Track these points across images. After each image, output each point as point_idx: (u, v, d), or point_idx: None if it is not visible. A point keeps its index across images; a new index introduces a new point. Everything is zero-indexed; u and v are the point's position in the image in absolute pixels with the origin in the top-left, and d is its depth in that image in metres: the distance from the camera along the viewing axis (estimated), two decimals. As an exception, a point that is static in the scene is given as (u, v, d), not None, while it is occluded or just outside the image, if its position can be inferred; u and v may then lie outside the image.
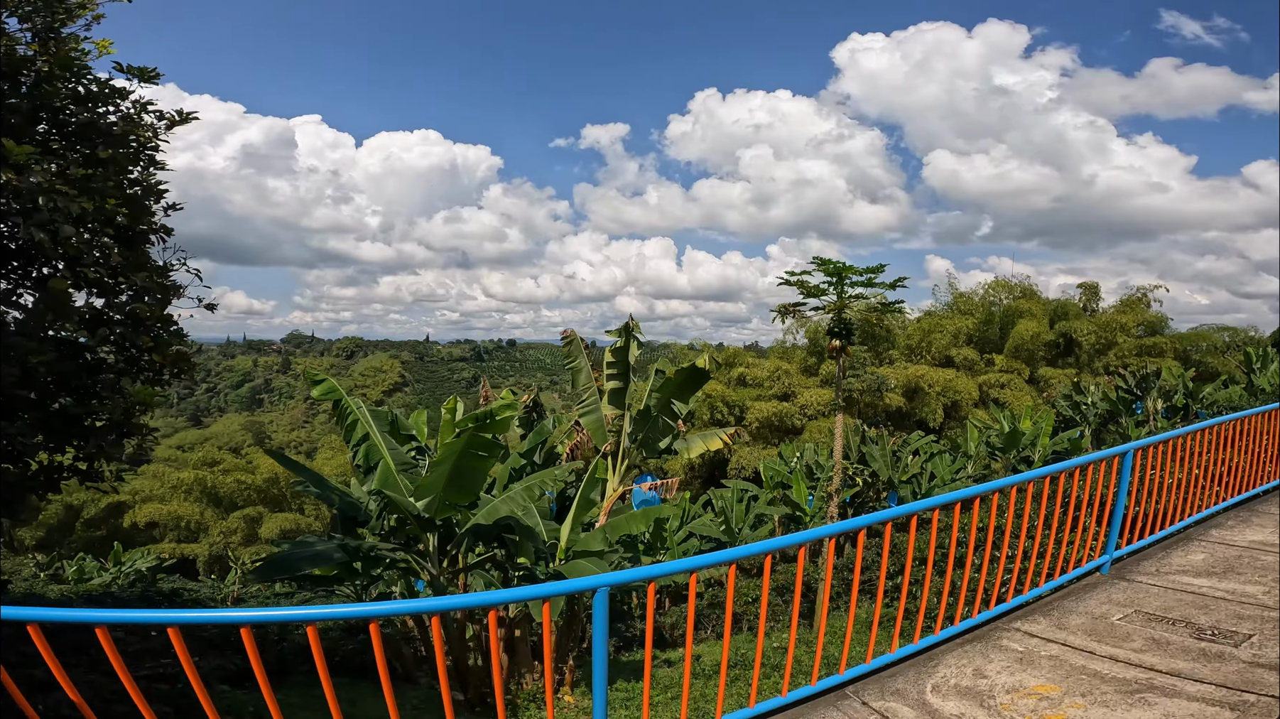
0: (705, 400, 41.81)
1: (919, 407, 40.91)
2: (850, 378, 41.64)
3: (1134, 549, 5.23)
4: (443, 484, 6.88)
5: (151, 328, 7.63)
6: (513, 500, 7.39)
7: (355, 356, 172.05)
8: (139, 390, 7.44)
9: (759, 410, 40.46)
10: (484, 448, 6.66)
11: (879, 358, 45.81)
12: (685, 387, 9.57)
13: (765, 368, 44.96)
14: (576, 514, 8.14)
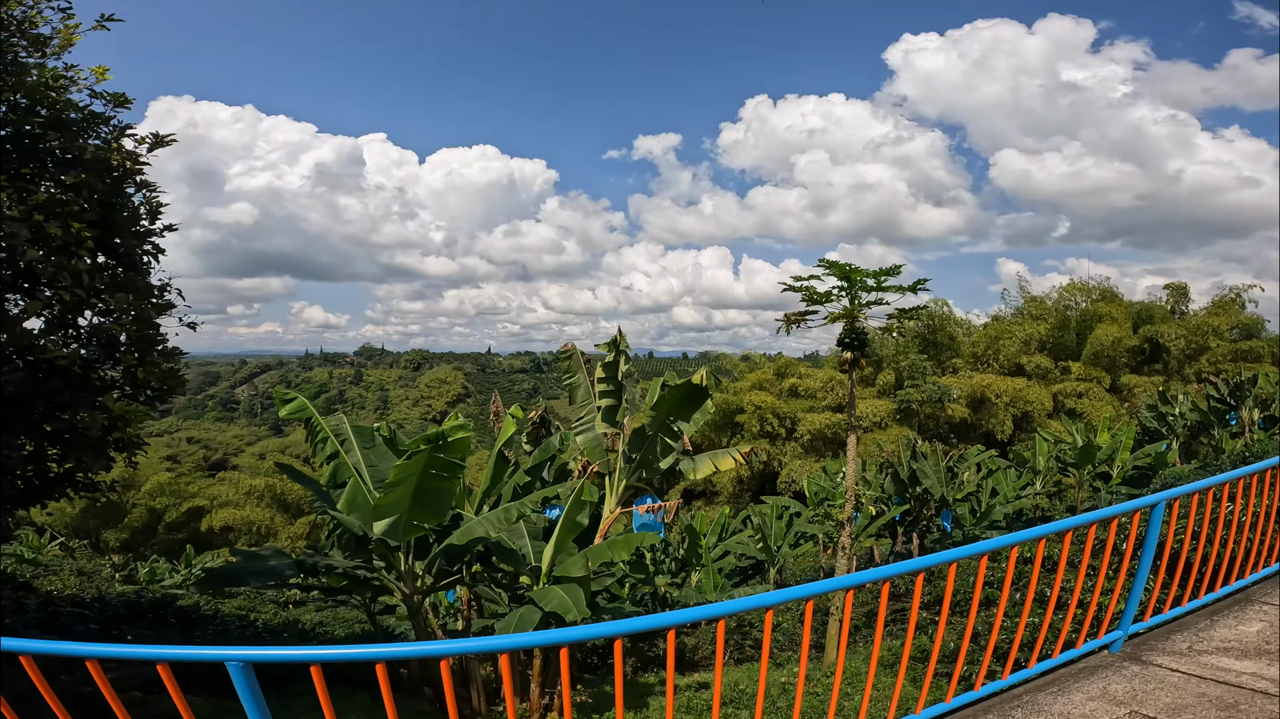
0: (755, 412, 40.64)
1: (985, 418, 38.42)
2: (909, 388, 39.82)
3: (1166, 619, 4.13)
4: (407, 505, 6.56)
5: (134, 346, 7.66)
6: (488, 522, 7.00)
7: (421, 369, 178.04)
8: (120, 406, 7.46)
9: (811, 422, 38.96)
10: (444, 469, 6.32)
11: (941, 367, 43.41)
12: (685, 404, 8.89)
13: (818, 378, 43.31)
14: (560, 537, 7.64)
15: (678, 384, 8.79)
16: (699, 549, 18.97)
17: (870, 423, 39.88)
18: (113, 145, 7.19)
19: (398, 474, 6.27)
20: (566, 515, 7.62)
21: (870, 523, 19.24)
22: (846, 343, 9.23)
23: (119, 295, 7.22)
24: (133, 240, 7.80)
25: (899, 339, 10.65)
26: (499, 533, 7.11)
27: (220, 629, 10.04)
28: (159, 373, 7.82)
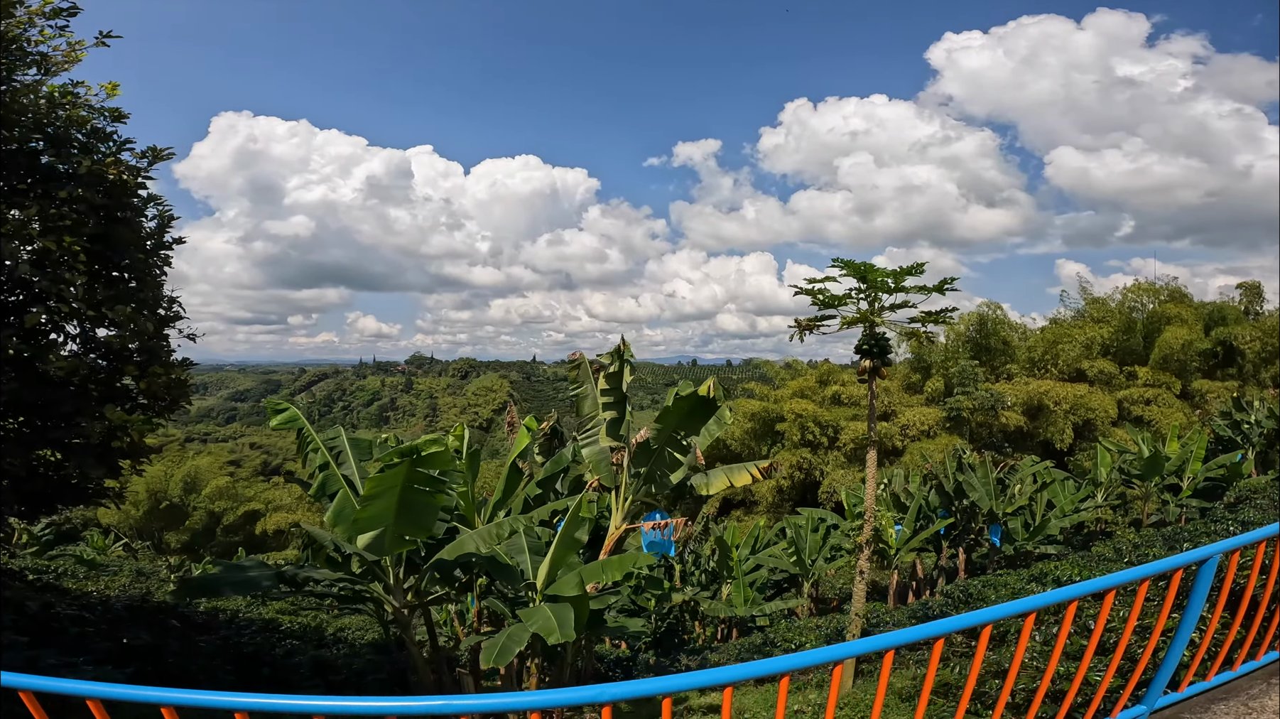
0: (795, 420, 39.57)
1: (1043, 426, 36.42)
2: (959, 395, 38.11)
3: (1209, 687, 3.42)
4: (391, 518, 6.38)
5: (134, 358, 7.74)
6: (479, 537, 6.76)
7: (469, 377, 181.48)
8: (118, 416, 7.51)
9: (854, 431, 37.69)
10: (426, 483, 6.12)
11: (994, 373, 41.43)
12: (693, 416, 8.41)
13: (863, 385, 41.97)
14: (556, 554, 7.30)
15: (684, 395, 8.34)
16: (730, 562, 18.40)
17: (917, 431, 38.32)
18: (107, 160, 7.26)
19: (373, 487, 6.09)
20: (564, 532, 7.28)
21: (913, 536, 18.29)
22: (865, 350, 8.56)
23: (118, 308, 7.27)
24: (139, 254, 7.90)
25: (930, 344, 9.76)
26: (490, 548, 6.84)
27: (226, 637, 10.06)
28: (162, 383, 7.90)
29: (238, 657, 9.28)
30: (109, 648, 7.98)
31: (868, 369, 8.36)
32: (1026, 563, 19.28)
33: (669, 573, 19.08)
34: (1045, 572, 9.87)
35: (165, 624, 9.26)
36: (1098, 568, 9.61)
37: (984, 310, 41.06)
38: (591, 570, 7.00)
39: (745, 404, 43.53)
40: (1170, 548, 10.26)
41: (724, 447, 42.41)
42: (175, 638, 8.73)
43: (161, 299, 8.13)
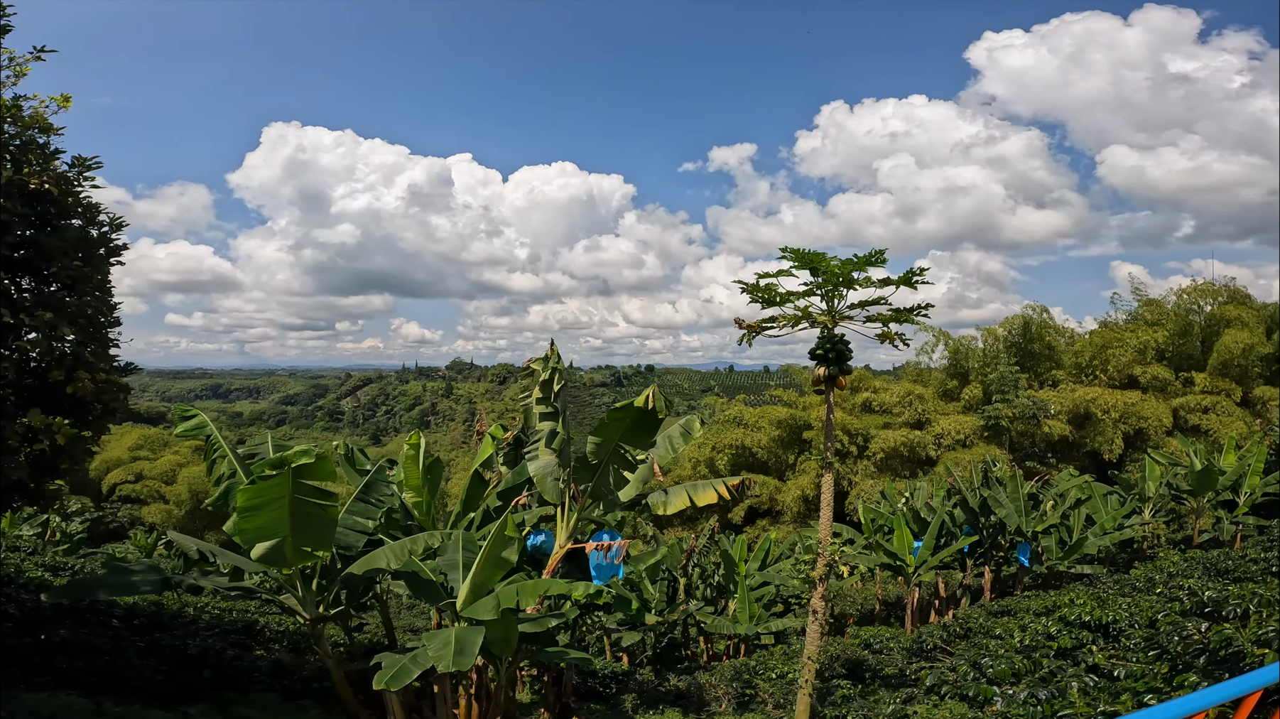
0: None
1: (1090, 436, 34.21)
2: (998, 402, 36.18)
3: None
4: (287, 530, 6.01)
5: (58, 365, 7.57)
6: (391, 552, 6.25)
7: (507, 382, 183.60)
8: (41, 420, 7.29)
9: (884, 439, 36.11)
10: (314, 495, 5.64)
11: (1038, 379, 39.22)
12: (638, 430, 7.67)
13: (895, 392, 40.23)
14: (479, 573, 6.67)
15: (619, 408, 7.61)
16: (736, 577, 17.50)
17: (953, 440, 36.47)
18: (24, 171, 7.14)
19: (249, 498, 5.70)
20: (489, 550, 6.66)
21: (932, 554, 17.08)
22: (819, 355, 7.58)
23: (40, 314, 7.10)
24: (73, 262, 7.78)
25: (904, 346, 8.59)
26: (406, 563, 6.35)
27: (184, 638, 9.75)
28: (89, 389, 7.72)
29: (181, 657, 8.98)
30: (32, 645, 7.76)
31: (824, 377, 7.41)
32: (1060, 582, 17.85)
33: (673, 586, 18.30)
34: (1058, 604, 8.79)
35: (106, 623, 9.03)
36: (1119, 598, 8.46)
37: (1028, 314, 38.90)
38: (508, 594, 6.36)
39: (772, 411, 42.32)
40: (1211, 575, 9.03)
41: (749, 454, 41.30)
42: (108, 637, 8.49)
43: (88, 306, 8.00)
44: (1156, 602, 7.30)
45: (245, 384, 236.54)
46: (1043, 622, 7.67)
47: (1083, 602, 7.80)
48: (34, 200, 7.49)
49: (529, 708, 12.28)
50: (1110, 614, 6.67)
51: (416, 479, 9.46)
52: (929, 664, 8.16)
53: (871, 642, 11.26)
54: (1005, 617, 11.18)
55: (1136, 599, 8.05)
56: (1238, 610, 5.64)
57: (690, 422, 8.90)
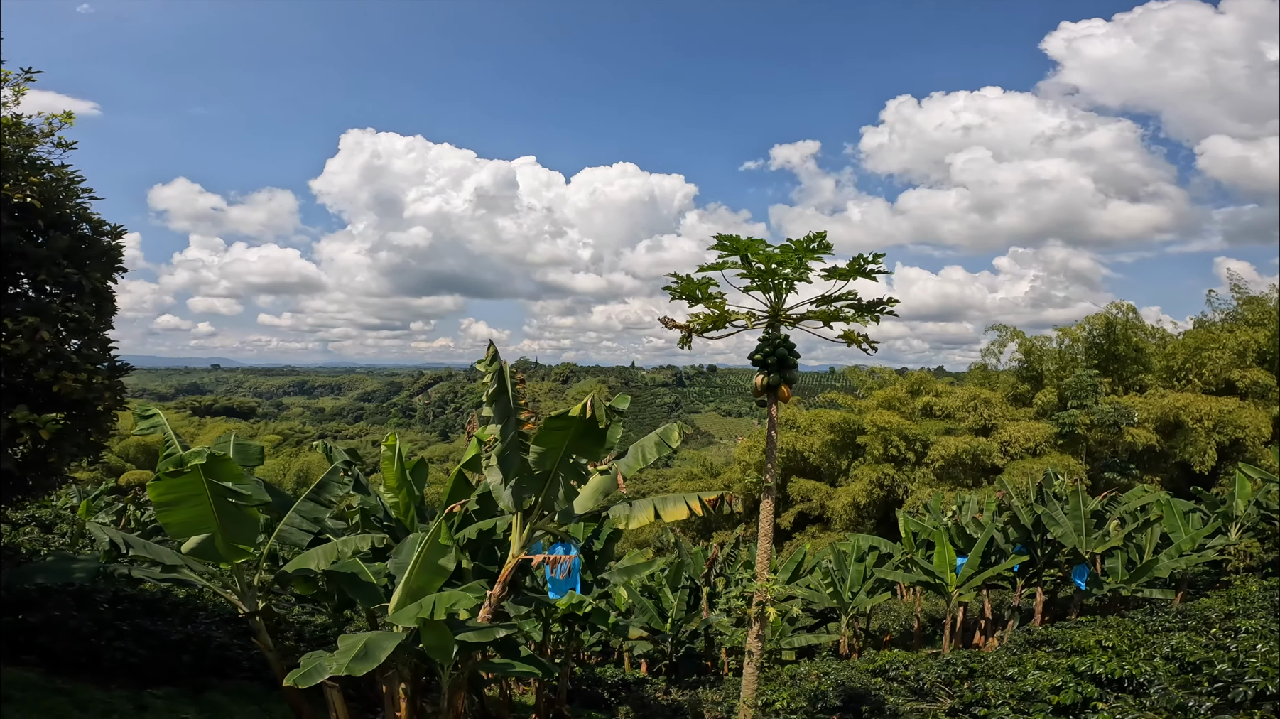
0: (878, 433, 36.31)
1: (1180, 446, 31.08)
2: (1074, 408, 33.38)
3: None
4: (215, 526, 6.21)
5: (41, 366, 7.81)
6: (322, 553, 6.13)
7: (569, 381, 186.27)
8: (24, 416, 7.55)
9: (944, 446, 34.00)
10: (230, 494, 5.59)
11: (1123, 383, 35.97)
12: (586, 439, 7.08)
13: (959, 396, 37.87)
14: (413, 580, 6.34)
15: (555, 417, 7.06)
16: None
17: (1021, 448, 33.94)
18: (5, 186, 7.48)
19: (162, 493, 5.75)
20: (425, 557, 6.33)
21: (976, 573, 15.70)
22: (759, 360, 6.71)
23: (19, 320, 7.43)
24: (61, 270, 8.07)
25: (871, 350, 7.40)
26: (330, 562, 6.23)
27: (172, 622, 9.97)
28: (76, 387, 7.96)
29: (165, 643, 9.19)
30: (16, 624, 8.07)
31: (764, 386, 6.54)
32: (1126, 607, 16.06)
33: (695, 596, 17.64)
34: (1081, 644, 7.65)
35: (96, 607, 9.35)
36: (1147, 645, 7.24)
37: (1111, 313, 35.71)
38: (427, 602, 6.02)
39: (825, 415, 40.72)
40: (1275, 614, 7.63)
41: (800, 458, 39.89)
42: (92, 620, 8.78)
43: (77, 311, 8.28)
44: (1191, 648, 6.16)
45: (327, 381, 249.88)
46: (1064, 663, 6.60)
47: (1097, 652, 6.69)
48: (18, 213, 7.80)
49: (525, 711, 11.99)
50: (1127, 668, 5.61)
51: (394, 480, 9.30)
52: (927, 704, 7.24)
53: (887, 667, 10.30)
54: (1041, 648, 10.01)
55: (1173, 641, 6.84)
56: (1248, 694, 4.53)
57: (668, 431, 8.27)
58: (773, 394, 6.47)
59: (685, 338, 6.85)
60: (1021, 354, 38.85)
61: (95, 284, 8.75)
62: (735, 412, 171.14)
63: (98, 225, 9.12)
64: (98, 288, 8.86)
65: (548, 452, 7.08)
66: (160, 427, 7.71)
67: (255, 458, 8.16)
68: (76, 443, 8.91)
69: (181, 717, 7.55)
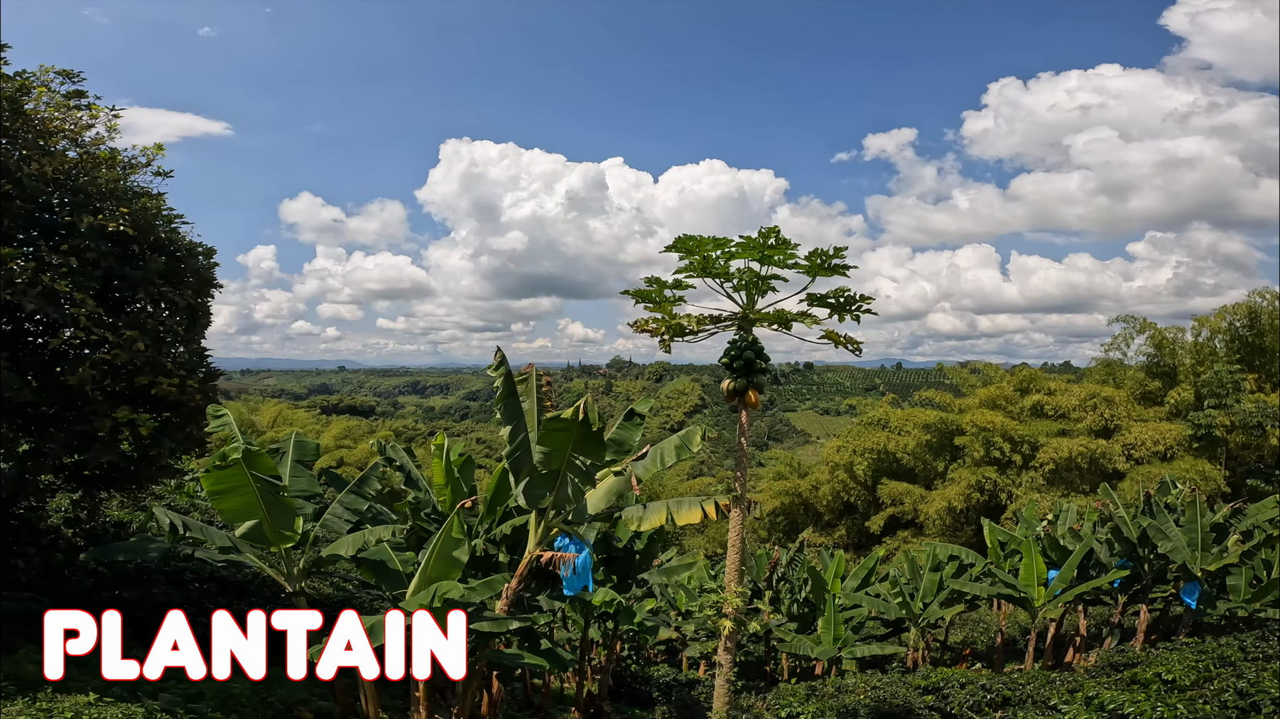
0: (977, 434, 33.87)
1: (1342, 452, 26.82)
2: (1211, 407, 29.62)
3: None
4: (263, 513, 7.00)
5: (140, 373, 8.91)
6: (351, 542, 6.84)
7: (663, 380, 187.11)
8: (126, 415, 8.67)
9: (1055, 449, 31.24)
10: (267, 485, 6.66)
11: (1270, 380, 31.51)
12: (588, 440, 7.12)
13: (1075, 394, 34.61)
14: (428, 571, 6.71)
15: (551, 418, 7.14)
16: (826, 594, 16.09)
17: (1148, 452, 30.59)
18: (100, 218, 8.67)
19: (213, 484, 6.72)
20: (440, 549, 6.69)
21: (1068, 588, 14.37)
22: (726, 363, 6.37)
23: (125, 333, 8.53)
24: (158, 288, 9.26)
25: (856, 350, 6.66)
26: (356, 549, 6.91)
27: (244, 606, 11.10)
28: (171, 391, 9.08)
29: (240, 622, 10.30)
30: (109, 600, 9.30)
31: (728, 391, 6.20)
32: (1246, 627, 14.11)
33: (757, 598, 17.31)
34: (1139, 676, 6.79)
35: (188, 585, 10.56)
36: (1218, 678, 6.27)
37: (1255, 301, 31.38)
38: (430, 591, 6.37)
39: (919, 414, 38.53)
40: None
41: (891, 459, 37.96)
42: (180, 597, 9.99)
43: (171, 323, 9.40)
44: (1271, 684, 5.30)
45: (437, 381, 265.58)
46: (1101, 695, 5.90)
47: (1155, 684, 5.89)
48: (116, 240, 8.96)
49: (570, 703, 12.27)
50: (1160, 711, 4.87)
51: (441, 478, 9.83)
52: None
53: (940, 684, 9.70)
54: (1120, 672, 9.06)
55: (1250, 674, 5.92)
56: None
57: (689, 434, 8.19)
58: (740, 397, 6.24)
59: (665, 341, 6.76)
60: (1151, 347, 34.97)
61: (189, 300, 9.91)
62: (833, 410, 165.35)
63: (190, 248, 10.30)
64: (191, 304, 10.02)
65: (552, 453, 7.26)
66: (228, 424, 8.60)
67: (312, 453, 8.90)
68: (175, 438, 10.10)
69: (230, 686, 8.37)
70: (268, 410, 54.85)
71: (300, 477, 8.46)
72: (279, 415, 51.31)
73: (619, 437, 8.53)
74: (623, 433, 8.62)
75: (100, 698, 6.74)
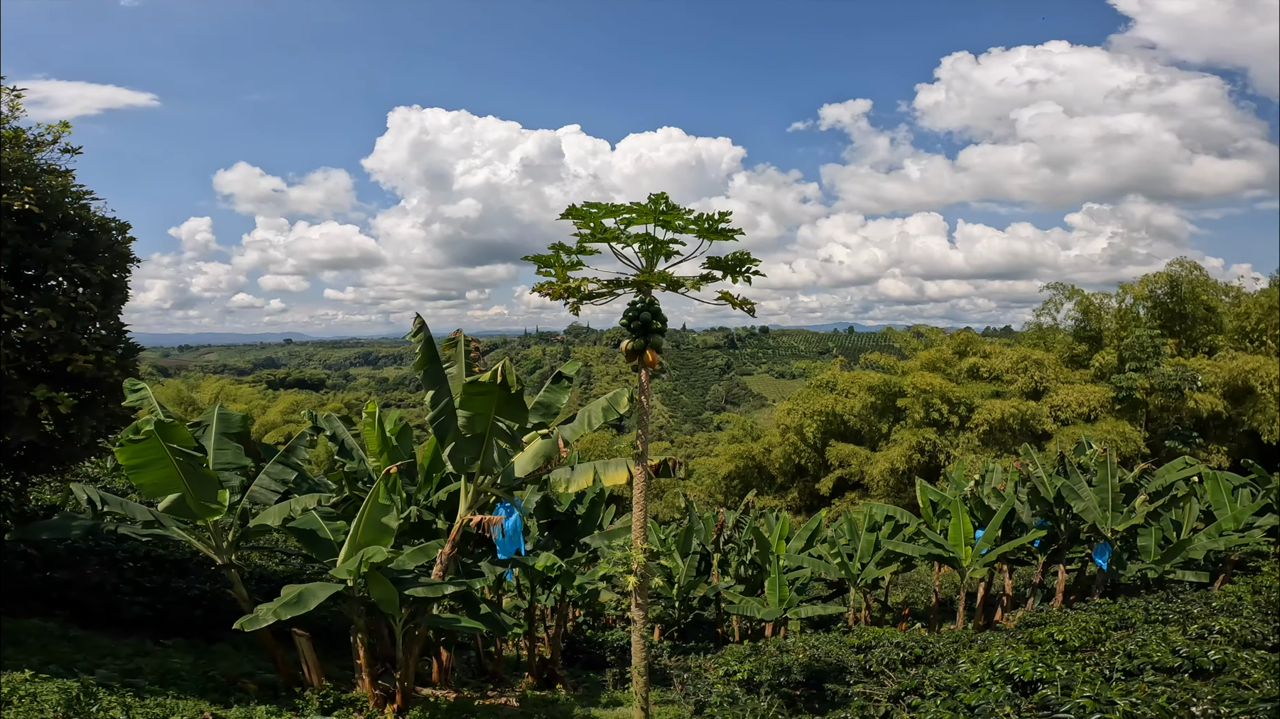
0: (919, 396, 35.13)
1: (1249, 413, 28.93)
2: (1132, 370, 31.35)
3: None
4: (184, 486, 6.97)
5: (55, 348, 8.52)
6: (277, 511, 6.82)
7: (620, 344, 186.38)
8: (43, 393, 8.31)
9: (989, 410, 32.64)
10: (186, 457, 6.63)
11: (1191, 345, 33.51)
12: (511, 403, 7.17)
13: (1008, 357, 36.12)
14: (354, 537, 6.76)
15: (469, 382, 7.15)
16: (771, 555, 16.63)
17: (1073, 413, 32.28)
18: (3, 196, 8.29)
19: (129, 457, 6.63)
20: (369, 515, 6.71)
21: (991, 548, 15.21)
22: (625, 324, 6.48)
23: (30, 310, 8.13)
24: (74, 265, 8.91)
25: (750, 312, 6.97)
26: (285, 521, 6.89)
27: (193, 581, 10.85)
28: (86, 368, 8.76)
29: (181, 598, 10.15)
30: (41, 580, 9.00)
31: (631, 350, 6.28)
32: (1159, 588, 15.19)
33: (705, 562, 17.80)
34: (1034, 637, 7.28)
35: (121, 565, 10.35)
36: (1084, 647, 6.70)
37: (1175, 270, 33.10)
38: (359, 556, 6.40)
39: (865, 377, 39.60)
40: (1267, 614, 7.00)
41: (841, 422, 39.05)
42: (115, 577, 9.79)
43: (83, 299, 8.96)
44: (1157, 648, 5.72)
45: (390, 352, 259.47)
46: (1000, 653, 6.29)
47: (1047, 644, 6.34)
48: (23, 218, 8.50)
49: (523, 669, 12.52)
50: (1038, 672, 5.18)
51: (376, 445, 9.72)
52: (877, 685, 7.13)
53: (872, 643, 10.18)
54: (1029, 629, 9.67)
55: (1138, 639, 6.38)
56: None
57: (616, 397, 8.32)
58: (638, 357, 6.30)
59: (574, 304, 6.74)
60: (1079, 312, 36.63)
61: (103, 277, 9.52)
62: (789, 373, 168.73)
63: (103, 224, 9.84)
64: (105, 280, 9.63)
65: (475, 416, 7.27)
66: (146, 399, 8.35)
67: (237, 425, 8.69)
68: (97, 416, 9.74)
69: (170, 661, 8.29)
70: (209, 387, 52.87)
71: (225, 449, 8.27)
72: (221, 391, 49.54)
73: (546, 399, 8.58)
74: (550, 396, 8.66)
75: (36, 674, 6.60)
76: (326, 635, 11.05)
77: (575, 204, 5.92)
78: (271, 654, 8.25)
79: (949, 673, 6.21)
